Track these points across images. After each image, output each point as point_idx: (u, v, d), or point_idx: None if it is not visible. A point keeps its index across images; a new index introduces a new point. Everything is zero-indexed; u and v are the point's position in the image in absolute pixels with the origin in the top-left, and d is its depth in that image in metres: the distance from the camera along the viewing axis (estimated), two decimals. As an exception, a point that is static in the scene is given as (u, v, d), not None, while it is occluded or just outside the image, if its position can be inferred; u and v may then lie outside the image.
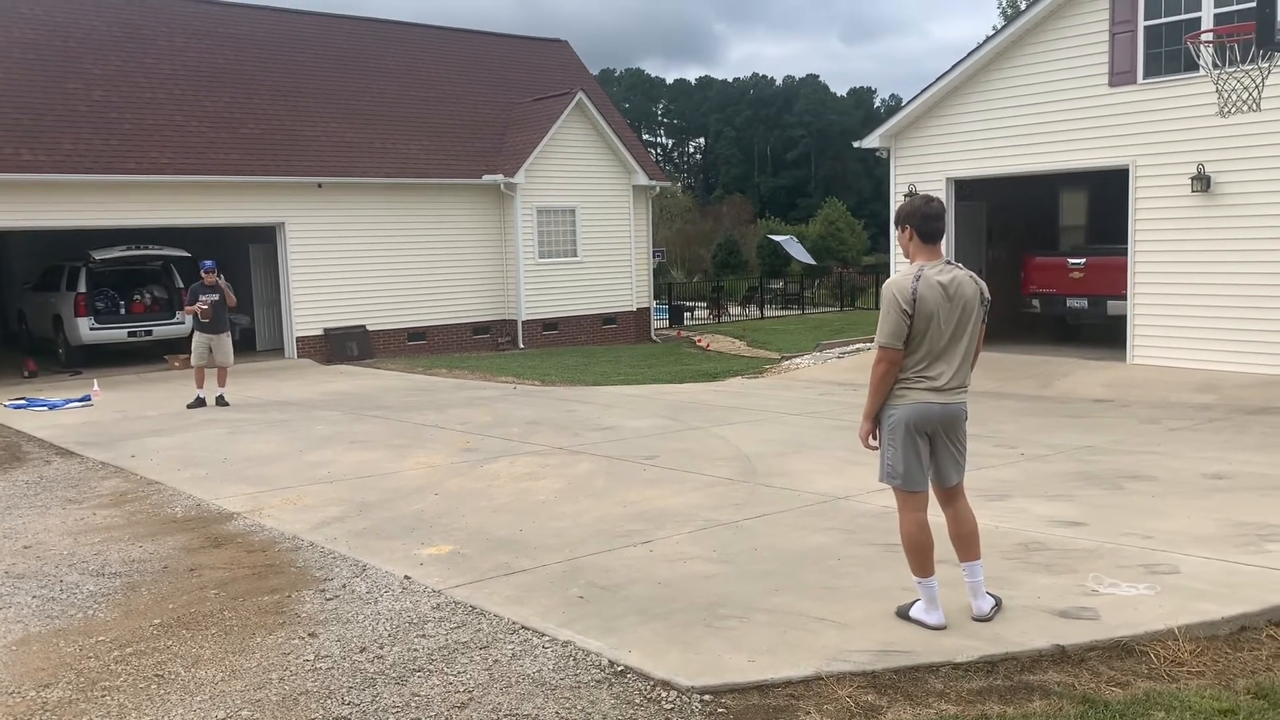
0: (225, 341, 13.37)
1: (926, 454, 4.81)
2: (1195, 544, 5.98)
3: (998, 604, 4.94)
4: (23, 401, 13.86)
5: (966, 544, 4.91)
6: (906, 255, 4.95)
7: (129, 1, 20.67)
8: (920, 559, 4.81)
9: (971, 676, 4.31)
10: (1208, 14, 12.67)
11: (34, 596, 5.77)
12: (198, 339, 13.32)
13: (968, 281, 4.79)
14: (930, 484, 4.89)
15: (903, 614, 4.91)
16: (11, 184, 16.22)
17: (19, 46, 18.21)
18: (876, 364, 4.79)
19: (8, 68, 17.69)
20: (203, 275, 13.36)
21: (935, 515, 4.92)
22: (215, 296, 13.29)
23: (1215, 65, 10.17)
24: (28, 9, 19.00)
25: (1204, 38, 10.68)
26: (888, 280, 4.86)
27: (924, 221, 4.80)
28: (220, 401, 13.23)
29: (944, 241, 4.99)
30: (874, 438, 4.91)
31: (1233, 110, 10.25)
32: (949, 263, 4.84)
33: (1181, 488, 7.47)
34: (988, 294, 4.88)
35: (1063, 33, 14.30)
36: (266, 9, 23.04)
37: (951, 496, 4.94)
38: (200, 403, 13.17)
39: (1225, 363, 12.73)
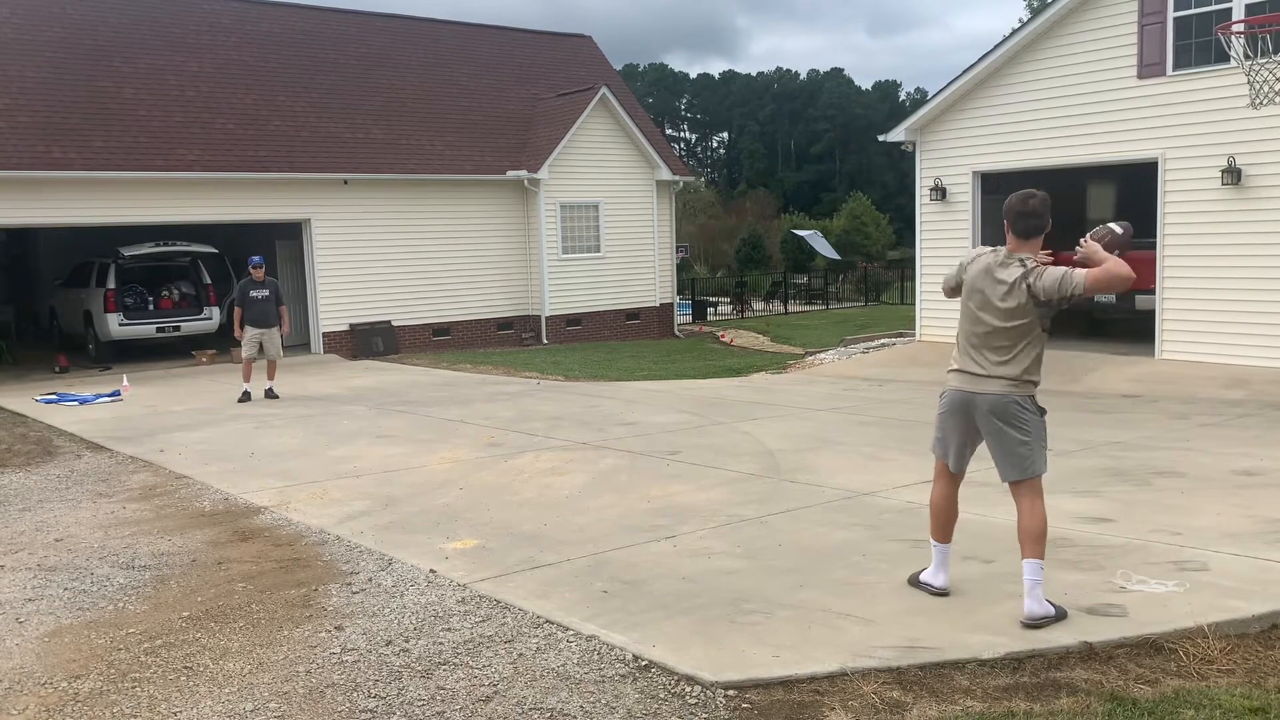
0: (275, 335, 13.62)
1: (957, 436, 5.00)
2: (1225, 541, 5.92)
3: (1059, 614, 4.71)
4: (54, 396, 14.03)
5: (1022, 540, 4.84)
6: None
7: (158, 1, 20.86)
8: (937, 523, 5.13)
9: (998, 673, 4.29)
10: (1238, 4, 12.49)
11: (65, 589, 5.84)
12: (250, 333, 13.50)
13: (1019, 284, 4.73)
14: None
15: (913, 581, 5.24)
16: (43, 181, 16.41)
17: (50, 46, 18.41)
18: None
19: (39, 66, 17.90)
20: (251, 271, 13.56)
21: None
22: (266, 292, 13.50)
23: (1247, 56, 10.05)
24: (59, 9, 19.20)
25: (1235, 28, 10.55)
26: None
27: (1016, 218, 4.92)
28: (270, 394, 13.45)
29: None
30: None
31: (1265, 101, 10.13)
32: (1025, 259, 4.79)
33: (1211, 484, 7.39)
34: (1036, 286, 4.70)
35: (1090, 25, 14.16)
36: (292, 6, 23.12)
37: (1013, 493, 4.95)
38: (247, 397, 13.34)
39: (1255, 358, 12.57)
